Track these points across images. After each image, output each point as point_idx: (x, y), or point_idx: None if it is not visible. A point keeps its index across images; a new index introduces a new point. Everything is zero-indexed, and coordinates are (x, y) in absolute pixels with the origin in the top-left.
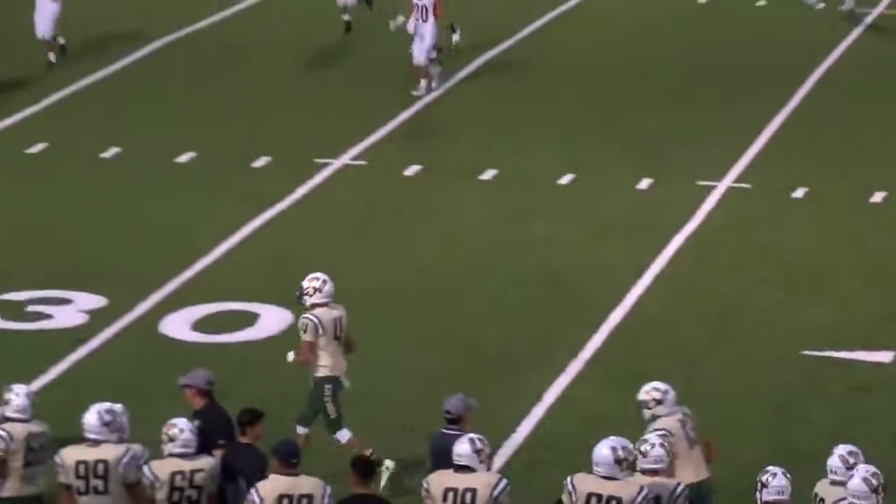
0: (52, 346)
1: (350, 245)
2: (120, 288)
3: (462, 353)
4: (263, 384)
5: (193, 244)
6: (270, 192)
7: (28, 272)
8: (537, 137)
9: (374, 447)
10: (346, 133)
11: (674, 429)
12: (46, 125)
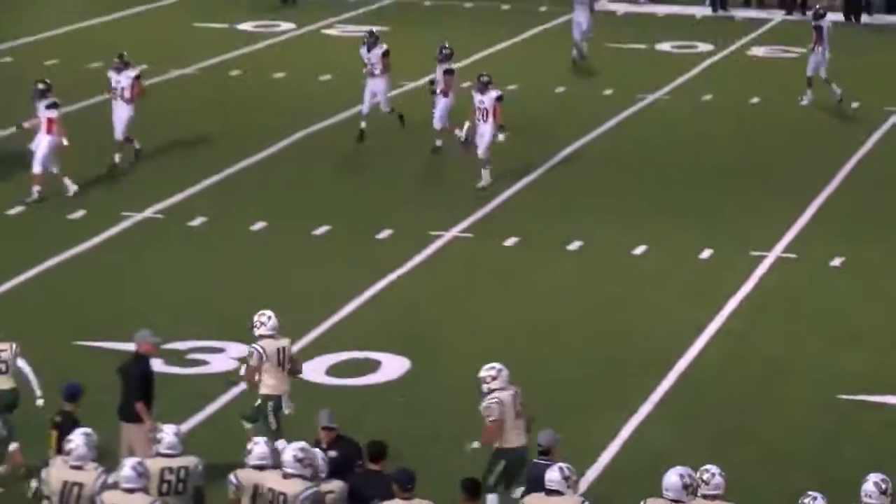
0: (207, 388)
1: (458, 303)
2: None
3: (550, 395)
4: (384, 420)
5: (328, 302)
6: (391, 260)
7: (190, 325)
8: (615, 214)
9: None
10: (454, 210)
11: (505, 400)
12: (206, 202)
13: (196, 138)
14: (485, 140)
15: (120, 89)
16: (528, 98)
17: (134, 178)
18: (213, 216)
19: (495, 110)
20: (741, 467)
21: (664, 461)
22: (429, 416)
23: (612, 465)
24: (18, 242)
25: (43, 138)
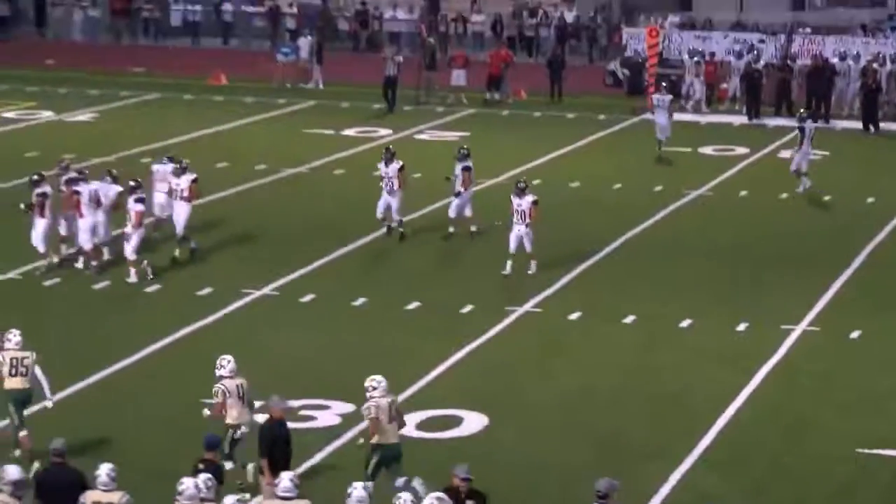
0: (314, 441)
1: (530, 368)
2: (364, 398)
3: (608, 447)
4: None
5: (419, 366)
6: (473, 331)
7: (300, 386)
8: (664, 292)
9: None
10: (527, 288)
11: (381, 405)
12: (315, 282)
13: (306, 227)
14: (518, 239)
15: (179, 190)
16: (589, 193)
17: (254, 260)
18: (321, 293)
19: (531, 212)
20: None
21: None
22: (505, 466)
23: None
24: (155, 314)
25: (133, 229)
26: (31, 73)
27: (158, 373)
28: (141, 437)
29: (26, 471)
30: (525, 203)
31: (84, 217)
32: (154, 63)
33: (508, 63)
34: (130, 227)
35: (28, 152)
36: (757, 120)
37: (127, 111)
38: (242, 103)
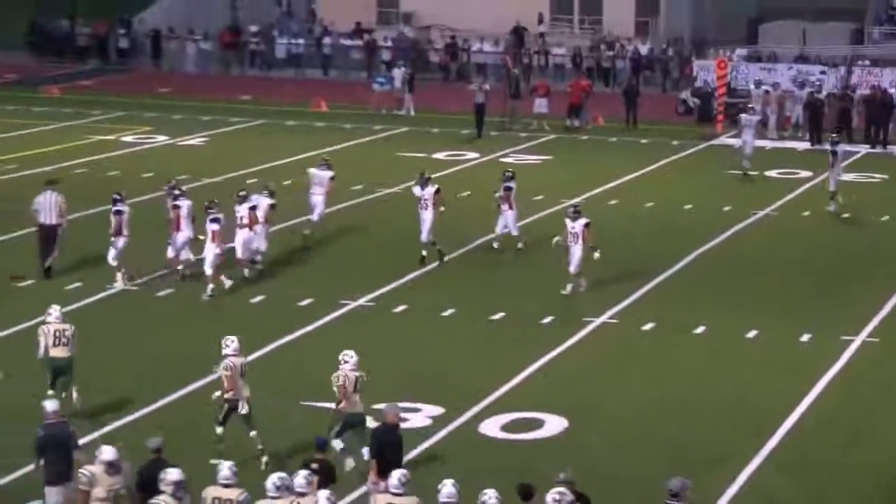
0: (406, 440)
1: (606, 375)
2: (453, 401)
3: (680, 451)
4: (547, 469)
5: (504, 372)
6: (553, 340)
7: (392, 390)
8: (732, 305)
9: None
10: (603, 300)
11: (349, 376)
12: (407, 294)
13: (399, 242)
14: (575, 259)
15: (239, 218)
16: (662, 213)
17: (352, 273)
18: (413, 305)
19: (584, 234)
20: None
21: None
22: (583, 466)
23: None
24: (263, 322)
25: (209, 247)
26: (147, 100)
27: (259, 379)
28: (242, 437)
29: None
30: (578, 226)
31: (181, 231)
32: (260, 92)
33: (588, 92)
34: (207, 244)
35: (145, 173)
36: (819, 145)
37: (235, 136)
38: (341, 129)
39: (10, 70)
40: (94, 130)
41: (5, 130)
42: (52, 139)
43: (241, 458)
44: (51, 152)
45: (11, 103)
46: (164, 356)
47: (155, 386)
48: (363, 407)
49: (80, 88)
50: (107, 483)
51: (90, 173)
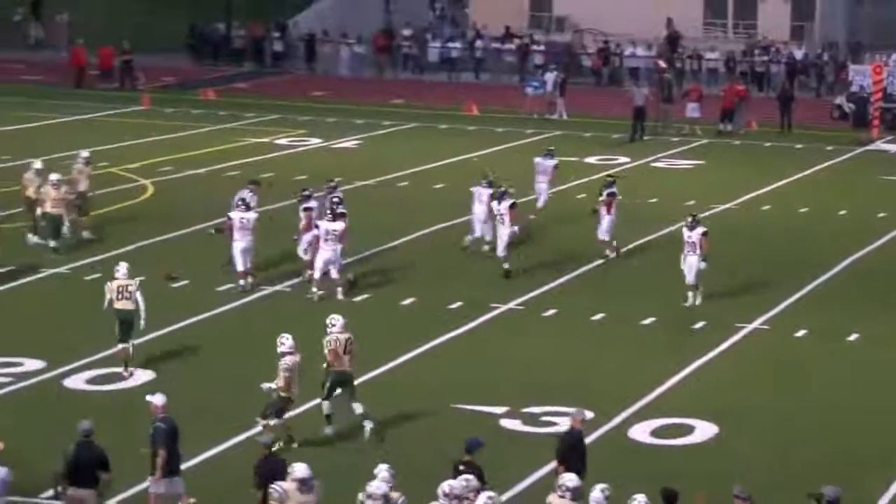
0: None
1: (757, 382)
2: (602, 405)
3: (834, 457)
4: (696, 475)
5: (653, 377)
6: (704, 346)
7: (541, 394)
8: (886, 312)
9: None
10: (755, 306)
11: (340, 338)
12: (558, 297)
13: (543, 248)
14: (694, 270)
15: (500, 215)
16: (816, 218)
17: (496, 275)
18: (563, 309)
19: (701, 244)
20: None
21: None
22: (732, 473)
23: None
24: (412, 324)
25: (304, 235)
26: (302, 103)
27: (409, 382)
28: (398, 438)
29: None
30: (695, 235)
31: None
32: (413, 95)
33: (742, 97)
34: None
35: (298, 176)
36: None
37: (387, 139)
38: (493, 132)
39: (169, 73)
40: (248, 133)
41: (163, 133)
42: (208, 142)
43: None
44: (205, 154)
45: (170, 106)
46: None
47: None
48: (351, 367)
49: (235, 91)
50: (297, 500)
51: (244, 176)
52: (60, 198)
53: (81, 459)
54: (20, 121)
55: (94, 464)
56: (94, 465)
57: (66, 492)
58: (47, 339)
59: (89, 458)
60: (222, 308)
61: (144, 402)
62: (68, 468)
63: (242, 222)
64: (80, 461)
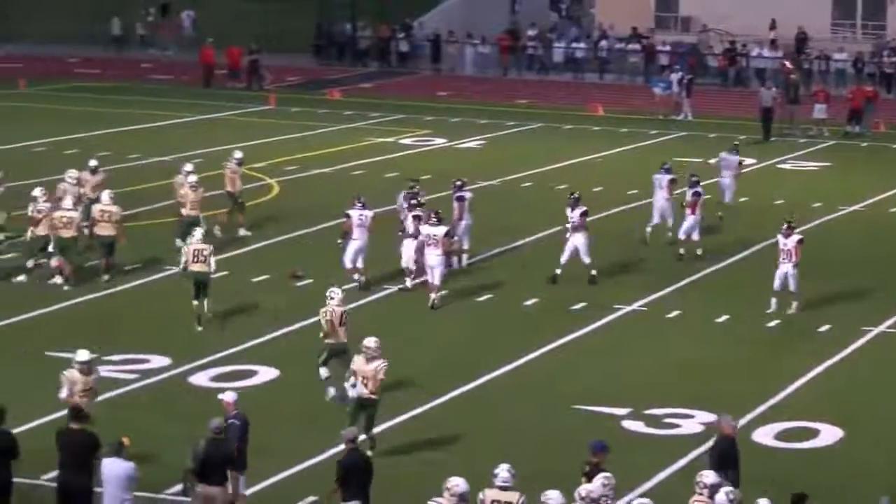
0: (678, 447)
1: (883, 387)
2: (726, 407)
3: None
4: (822, 477)
5: (774, 379)
6: (829, 349)
7: (665, 395)
8: None
9: None
10: (886, 306)
11: (336, 311)
12: (680, 299)
13: (668, 249)
14: (786, 277)
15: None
16: None
17: (623, 277)
18: (687, 310)
19: (796, 251)
20: None
21: None
22: (857, 478)
23: None
24: (536, 324)
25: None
26: (426, 103)
27: (531, 381)
28: (518, 438)
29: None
30: (791, 242)
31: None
32: (537, 95)
33: (871, 99)
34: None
35: (423, 175)
36: None
37: (511, 139)
38: (617, 133)
39: (295, 73)
40: (373, 133)
41: (290, 132)
42: (333, 141)
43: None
44: (331, 154)
45: (296, 105)
46: (434, 359)
47: (433, 383)
48: (346, 338)
49: (360, 91)
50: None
51: (369, 175)
52: (198, 200)
53: (211, 457)
54: (149, 119)
55: (224, 461)
56: (224, 463)
57: (195, 489)
58: (173, 337)
59: (218, 456)
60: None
61: (267, 399)
62: (197, 465)
63: (361, 219)
64: (210, 458)
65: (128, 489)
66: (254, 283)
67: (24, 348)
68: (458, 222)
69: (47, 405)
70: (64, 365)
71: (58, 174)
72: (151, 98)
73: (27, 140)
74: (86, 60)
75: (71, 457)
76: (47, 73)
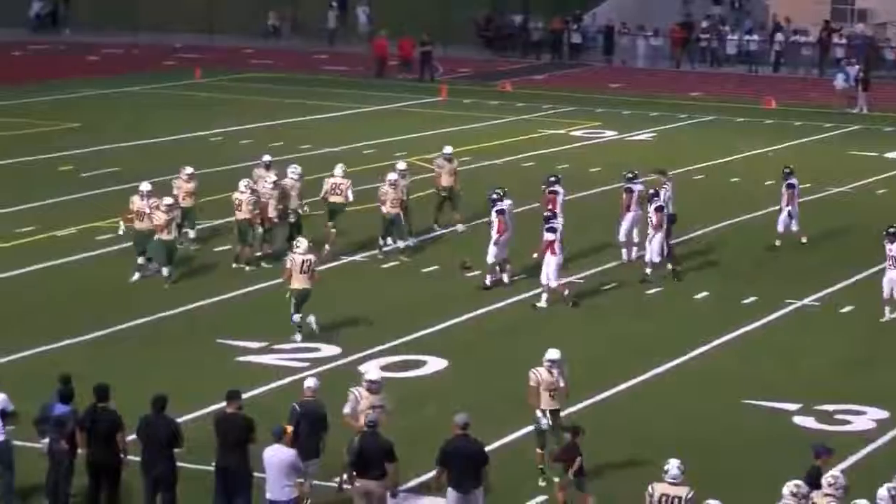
0: (849, 444)
1: None
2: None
3: None
4: None
5: None
6: None
7: (836, 392)
8: None
9: None
10: None
11: (296, 260)
12: (855, 294)
13: (848, 243)
14: (893, 284)
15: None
16: None
17: (799, 272)
18: (860, 305)
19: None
20: None
21: None
22: None
23: None
24: (706, 319)
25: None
26: (598, 96)
27: (702, 374)
28: (688, 431)
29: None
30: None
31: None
32: (710, 88)
33: None
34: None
35: (592, 168)
36: None
37: (682, 132)
38: (790, 126)
39: (466, 65)
40: (544, 125)
41: (462, 123)
42: (504, 133)
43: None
44: (502, 146)
45: (467, 97)
46: (603, 352)
47: (603, 376)
48: (310, 284)
49: (532, 83)
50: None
51: (539, 167)
52: (398, 197)
53: (367, 450)
54: (321, 110)
55: (381, 455)
56: (381, 456)
57: (353, 483)
58: (344, 326)
59: (375, 449)
60: (514, 298)
61: (436, 389)
62: (354, 459)
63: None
64: (366, 452)
65: (289, 476)
66: (424, 274)
67: (197, 336)
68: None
69: (216, 393)
70: (234, 353)
71: (235, 164)
72: (323, 89)
73: (203, 130)
74: (259, 52)
75: (228, 440)
76: (222, 63)
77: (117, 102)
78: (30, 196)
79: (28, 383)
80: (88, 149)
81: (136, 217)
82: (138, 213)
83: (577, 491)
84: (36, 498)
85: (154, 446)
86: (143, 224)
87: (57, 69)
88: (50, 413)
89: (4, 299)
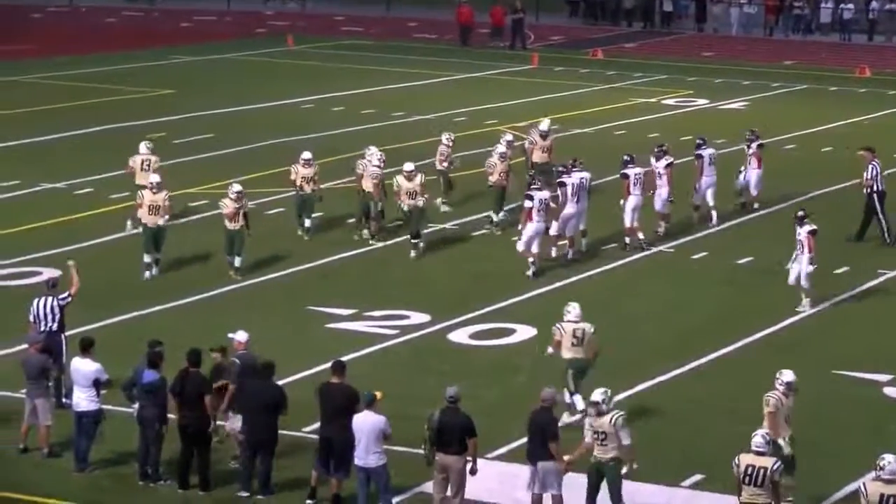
0: None
1: None
2: None
3: None
4: None
5: None
6: None
7: None
8: None
9: None
10: None
11: (230, 206)
12: None
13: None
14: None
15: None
16: None
17: (881, 248)
18: None
19: (809, 242)
20: None
21: None
22: None
23: None
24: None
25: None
26: (690, 64)
27: (791, 345)
28: None
29: None
30: (804, 233)
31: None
32: (803, 56)
33: None
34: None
35: (683, 136)
36: None
37: (775, 101)
38: (884, 95)
39: (557, 32)
40: (635, 93)
41: (551, 91)
42: (595, 101)
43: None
44: (592, 113)
45: (558, 65)
46: (694, 322)
47: (691, 346)
48: (237, 227)
49: (623, 51)
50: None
51: (630, 135)
52: (505, 170)
53: (446, 425)
54: (413, 78)
55: (460, 430)
56: (460, 431)
57: (433, 457)
58: (433, 294)
59: (454, 424)
60: (607, 266)
61: (524, 358)
62: (433, 434)
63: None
64: (445, 426)
65: (378, 441)
66: (513, 244)
67: (289, 304)
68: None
69: (306, 360)
70: (323, 320)
71: (325, 131)
72: (415, 57)
73: (296, 97)
74: (350, 18)
75: (332, 410)
76: (314, 30)
77: (209, 70)
78: (123, 163)
79: (120, 348)
80: (180, 115)
81: (149, 211)
82: (151, 206)
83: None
84: (129, 464)
85: (258, 412)
86: (154, 218)
87: (150, 36)
88: (139, 379)
89: (103, 264)
